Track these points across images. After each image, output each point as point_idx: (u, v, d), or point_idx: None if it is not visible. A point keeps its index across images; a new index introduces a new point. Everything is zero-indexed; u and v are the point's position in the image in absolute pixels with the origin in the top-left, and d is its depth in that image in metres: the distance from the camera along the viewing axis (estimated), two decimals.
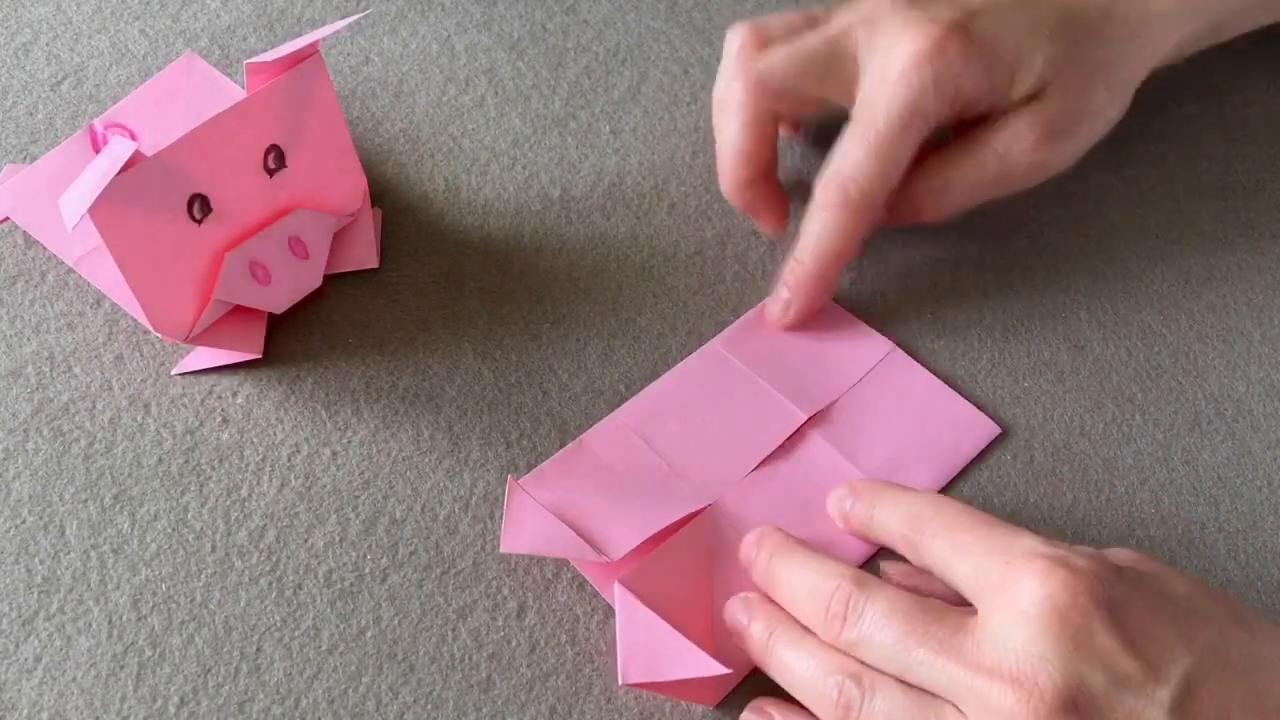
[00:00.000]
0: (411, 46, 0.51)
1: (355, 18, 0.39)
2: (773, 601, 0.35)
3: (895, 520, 0.34)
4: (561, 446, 0.40)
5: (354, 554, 0.38)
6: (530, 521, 0.36)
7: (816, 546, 0.35)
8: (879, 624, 0.31)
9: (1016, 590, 0.29)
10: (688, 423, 0.40)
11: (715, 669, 0.32)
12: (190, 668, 0.35)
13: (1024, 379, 0.42)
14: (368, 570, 0.37)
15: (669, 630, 0.33)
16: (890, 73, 0.39)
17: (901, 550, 0.34)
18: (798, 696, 0.33)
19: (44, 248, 0.44)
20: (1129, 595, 0.30)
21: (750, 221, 0.45)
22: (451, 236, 0.45)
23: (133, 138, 0.45)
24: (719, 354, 0.42)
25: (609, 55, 0.51)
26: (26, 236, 0.44)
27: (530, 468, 0.39)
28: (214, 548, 0.38)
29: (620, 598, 0.34)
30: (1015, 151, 0.41)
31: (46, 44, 0.50)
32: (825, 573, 0.33)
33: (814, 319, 0.42)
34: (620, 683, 0.33)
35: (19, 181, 0.44)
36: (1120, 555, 0.32)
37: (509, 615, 0.37)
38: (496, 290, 0.44)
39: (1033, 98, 0.41)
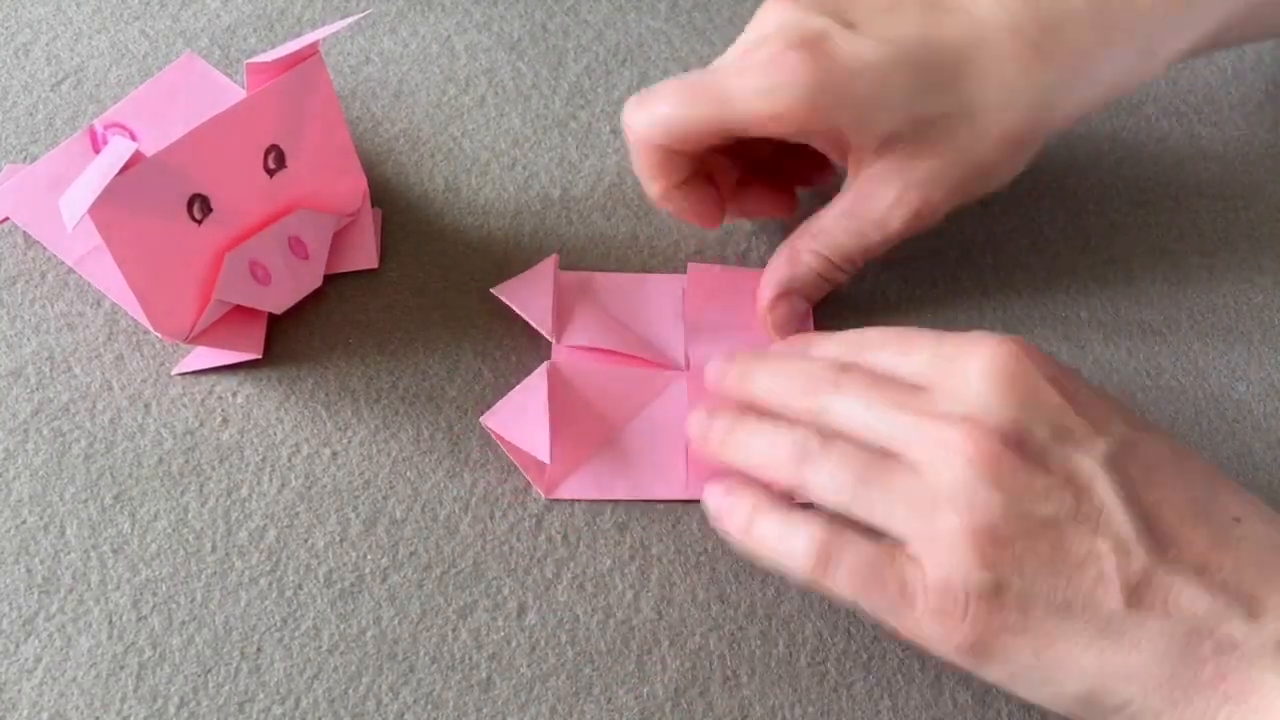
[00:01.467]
0: (411, 46, 0.51)
1: (355, 18, 0.39)
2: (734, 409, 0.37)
3: (833, 351, 0.36)
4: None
5: (354, 554, 0.38)
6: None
7: None
8: (849, 389, 0.34)
9: (971, 358, 0.32)
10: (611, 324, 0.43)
11: (543, 453, 0.38)
12: (190, 668, 0.35)
13: None
14: (368, 570, 0.37)
15: (543, 407, 0.38)
16: (739, 64, 0.38)
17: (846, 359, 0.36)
18: (755, 469, 0.35)
19: (44, 248, 0.44)
20: (1074, 376, 0.33)
21: (752, 221, 0.45)
22: (451, 236, 0.45)
23: (133, 138, 0.45)
24: (677, 282, 0.44)
25: (609, 55, 0.51)
26: (26, 236, 0.44)
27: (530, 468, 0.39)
28: (214, 548, 0.38)
29: (542, 373, 0.39)
30: (891, 224, 0.40)
31: (46, 44, 0.50)
32: (810, 360, 0.36)
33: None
34: (481, 420, 0.39)
35: (19, 182, 0.44)
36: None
37: (509, 615, 0.37)
38: None
39: (895, 141, 0.38)
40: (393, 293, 0.44)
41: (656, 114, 0.39)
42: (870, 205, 0.39)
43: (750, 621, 0.37)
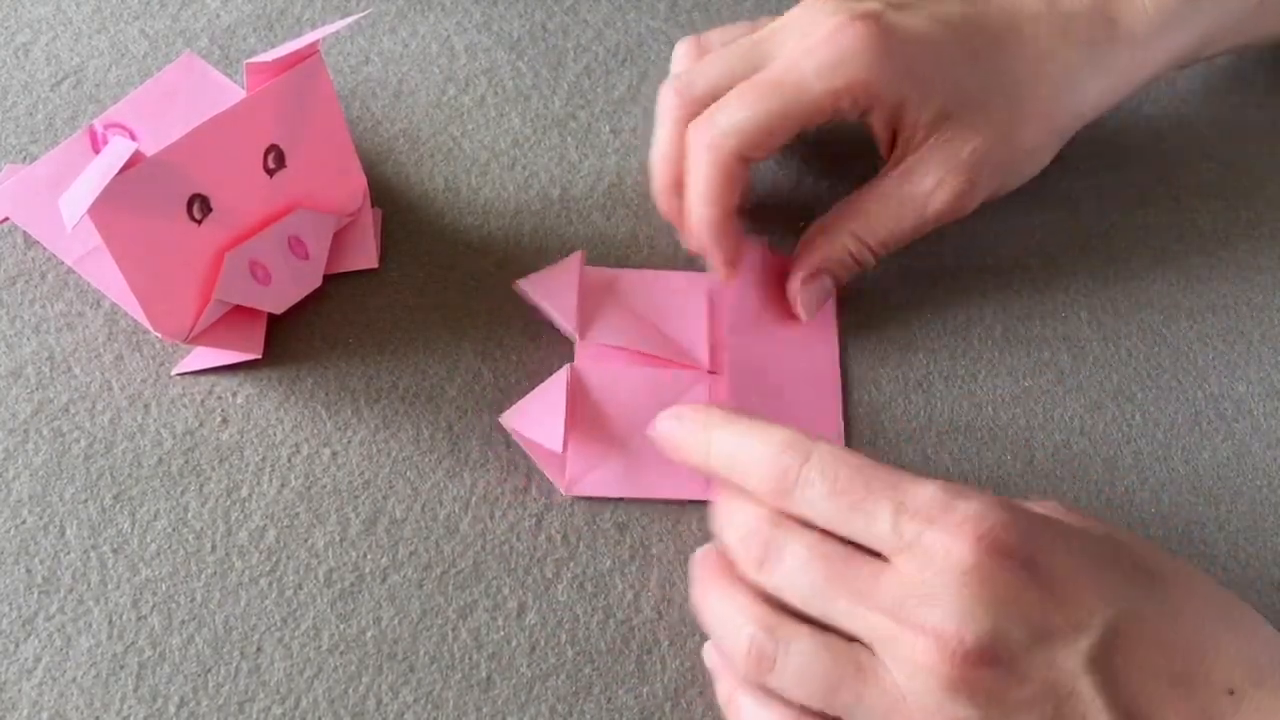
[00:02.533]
0: (411, 46, 0.51)
1: (355, 18, 0.39)
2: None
3: (755, 463, 0.32)
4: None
5: (354, 554, 0.38)
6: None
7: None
8: (800, 567, 0.30)
9: (942, 550, 0.29)
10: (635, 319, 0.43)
11: (556, 444, 0.38)
12: (190, 668, 0.35)
13: (1024, 379, 0.42)
14: (368, 570, 0.37)
15: (561, 404, 0.39)
16: (800, 47, 0.39)
17: (768, 499, 0.32)
18: (718, 642, 0.32)
19: (44, 248, 0.44)
20: (1051, 547, 0.29)
21: (751, 221, 0.45)
22: (451, 236, 0.45)
23: (132, 138, 0.45)
24: (707, 280, 0.43)
25: (609, 55, 0.51)
26: (26, 237, 0.44)
27: (530, 467, 0.39)
28: (214, 548, 0.38)
29: (563, 373, 0.40)
30: (932, 205, 0.40)
31: (46, 44, 0.50)
32: (745, 511, 0.32)
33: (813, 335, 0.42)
34: (500, 419, 0.39)
35: (19, 182, 0.44)
36: (1041, 506, 0.32)
37: (509, 615, 0.37)
38: (496, 290, 0.44)
39: (946, 118, 0.40)
40: (393, 293, 0.44)
41: (736, 120, 0.39)
42: (912, 187, 0.40)
43: None
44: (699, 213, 0.40)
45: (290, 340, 0.42)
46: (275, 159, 0.40)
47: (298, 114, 0.40)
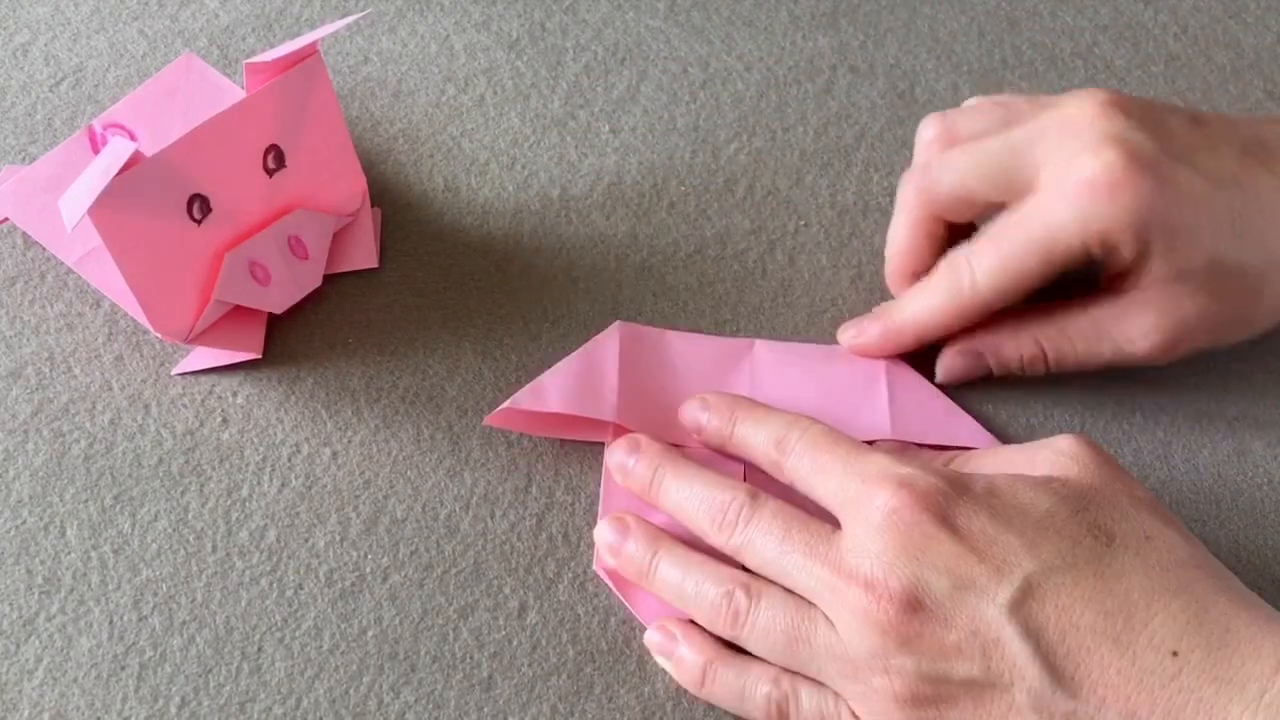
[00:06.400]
0: (410, 46, 0.51)
1: (354, 17, 0.39)
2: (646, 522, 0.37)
3: (760, 439, 0.36)
4: (560, 445, 0.40)
5: (355, 554, 0.38)
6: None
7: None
8: (764, 529, 0.34)
9: (869, 506, 0.32)
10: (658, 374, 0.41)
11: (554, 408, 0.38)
12: (191, 668, 0.35)
13: (1024, 378, 0.42)
14: (368, 570, 0.37)
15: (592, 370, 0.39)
16: (1064, 186, 0.37)
17: (763, 466, 0.36)
18: (684, 607, 0.35)
19: (43, 248, 0.44)
20: (974, 508, 0.32)
21: (751, 221, 0.45)
22: (451, 236, 0.45)
23: (132, 138, 0.45)
24: (741, 348, 0.42)
25: (608, 55, 0.51)
26: (26, 237, 0.44)
27: (530, 467, 0.39)
28: (214, 548, 0.38)
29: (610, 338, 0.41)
30: (1133, 348, 0.38)
31: (45, 44, 0.50)
32: (722, 484, 0.35)
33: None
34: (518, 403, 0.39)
35: (18, 182, 0.44)
36: (1063, 440, 0.34)
37: (510, 614, 0.37)
38: (496, 290, 0.44)
39: (1188, 275, 0.37)
40: (393, 293, 0.44)
41: (987, 271, 0.38)
42: (1124, 326, 0.38)
43: None
44: (924, 330, 0.40)
45: (290, 340, 0.42)
46: (275, 159, 0.40)
47: (297, 114, 0.40)
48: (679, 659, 0.35)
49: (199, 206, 0.38)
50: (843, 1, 0.53)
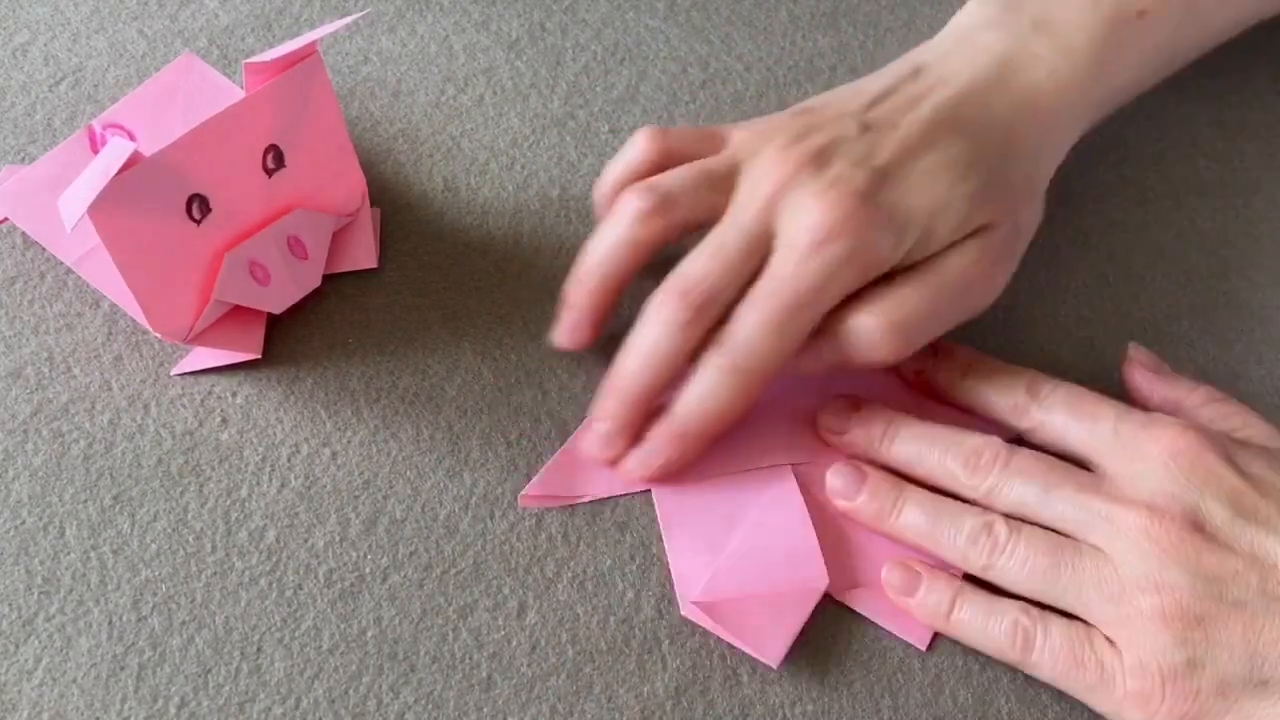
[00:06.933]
0: (410, 46, 0.51)
1: (353, 17, 0.39)
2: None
3: (1003, 386, 0.38)
4: (561, 446, 0.40)
5: (354, 554, 0.38)
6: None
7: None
8: (1024, 469, 0.35)
9: (1154, 445, 0.34)
10: None
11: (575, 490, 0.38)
12: (191, 668, 0.35)
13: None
14: (368, 570, 0.37)
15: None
16: (798, 243, 0.36)
17: (1002, 412, 0.38)
18: (934, 546, 0.36)
19: (43, 248, 0.44)
20: (1253, 455, 0.34)
21: None
22: (451, 236, 0.45)
23: (131, 138, 0.45)
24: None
25: (607, 54, 0.51)
26: (25, 237, 0.44)
27: (530, 467, 0.39)
28: (214, 548, 0.37)
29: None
30: (972, 276, 0.38)
31: (44, 44, 0.50)
32: (969, 432, 0.36)
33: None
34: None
35: (17, 182, 0.44)
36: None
37: (510, 615, 0.37)
38: (496, 290, 0.44)
39: (969, 236, 0.38)
40: (392, 293, 0.43)
41: (755, 349, 0.36)
42: (937, 269, 0.37)
43: None
44: (697, 434, 0.37)
45: (290, 340, 0.42)
46: (274, 159, 0.40)
47: (297, 114, 0.40)
48: (924, 593, 0.36)
49: (198, 206, 0.38)
50: (843, 1, 0.53)
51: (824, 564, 0.37)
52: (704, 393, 0.37)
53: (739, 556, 0.37)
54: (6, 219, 0.43)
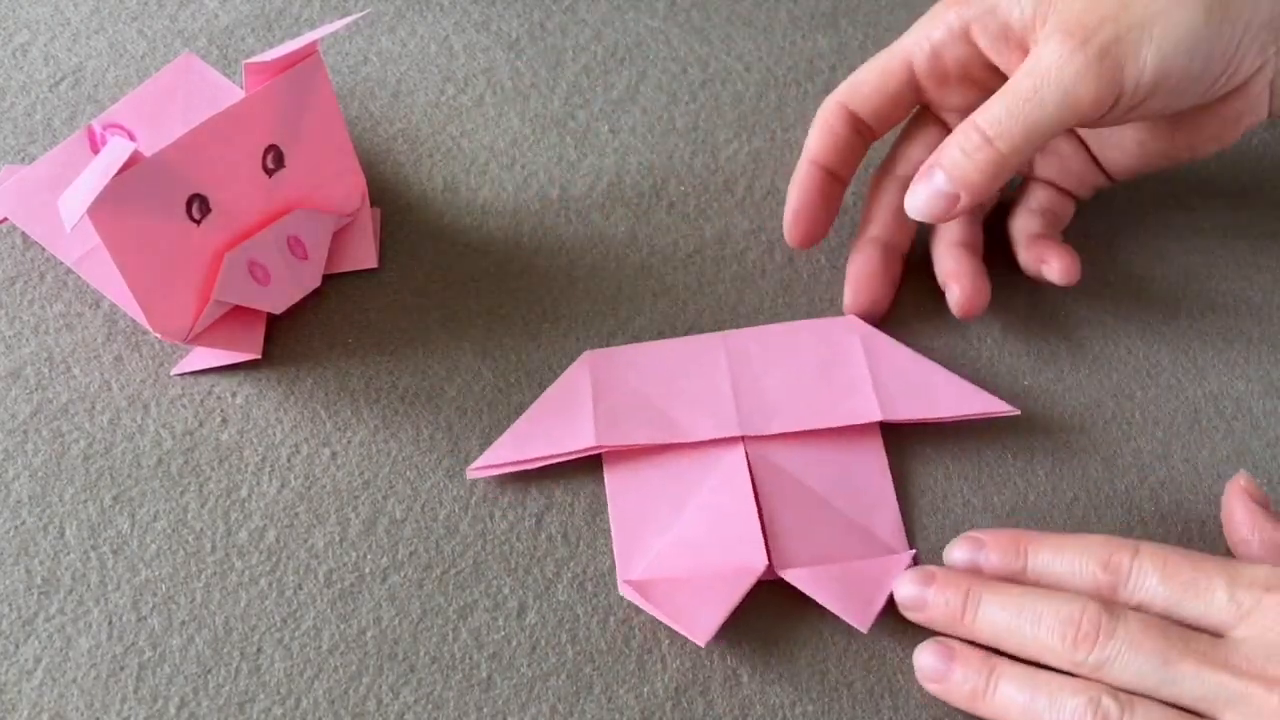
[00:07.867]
0: (410, 46, 0.51)
1: (353, 17, 0.39)
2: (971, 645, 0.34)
3: (1073, 565, 0.34)
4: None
5: (354, 554, 0.38)
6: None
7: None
8: (1134, 640, 0.31)
9: (1275, 609, 0.31)
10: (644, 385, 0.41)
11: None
12: (190, 668, 0.35)
13: (1024, 378, 0.42)
14: (368, 570, 0.37)
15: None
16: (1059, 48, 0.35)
17: (1087, 592, 0.33)
18: None
19: (43, 248, 0.44)
20: None
21: (750, 221, 0.45)
22: (451, 236, 0.45)
23: (131, 138, 0.45)
24: (714, 341, 0.42)
25: (607, 55, 0.51)
26: (25, 237, 0.44)
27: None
28: (214, 548, 0.37)
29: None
30: (1070, 83, 0.35)
31: (44, 44, 0.50)
32: (1063, 596, 0.33)
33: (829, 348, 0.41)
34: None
35: (17, 182, 0.44)
36: None
37: (509, 615, 0.37)
38: (496, 290, 0.44)
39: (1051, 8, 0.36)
40: (392, 293, 0.43)
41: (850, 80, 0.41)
42: (1060, 71, 0.35)
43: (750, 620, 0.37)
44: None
45: (290, 340, 0.42)
46: (274, 159, 0.40)
47: (297, 114, 0.40)
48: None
49: (198, 206, 0.38)
50: (843, 1, 0.53)
51: (764, 545, 0.36)
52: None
53: (680, 537, 0.37)
54: (6, 219, 0.43)
